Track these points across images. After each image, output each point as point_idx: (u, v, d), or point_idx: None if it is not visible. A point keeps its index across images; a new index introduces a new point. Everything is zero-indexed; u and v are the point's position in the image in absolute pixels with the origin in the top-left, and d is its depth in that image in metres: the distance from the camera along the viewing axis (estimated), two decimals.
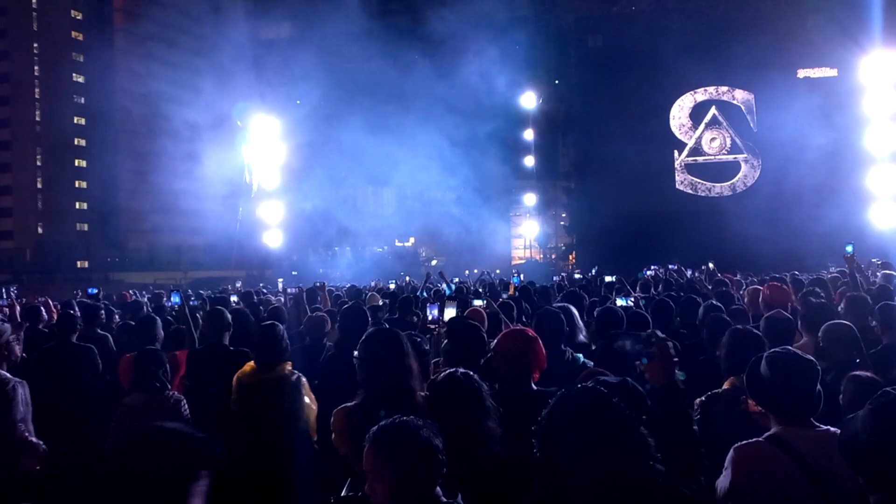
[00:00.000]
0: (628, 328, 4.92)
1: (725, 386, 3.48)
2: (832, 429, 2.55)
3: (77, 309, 7.43)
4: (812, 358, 2.70)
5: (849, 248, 7.52)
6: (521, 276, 11.74)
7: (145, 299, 10.12)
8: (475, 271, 30.54)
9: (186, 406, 4.36)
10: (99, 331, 6.84)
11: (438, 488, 2.16)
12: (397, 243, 49.60)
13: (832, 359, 4.05)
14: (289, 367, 4.21)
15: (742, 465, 2.50)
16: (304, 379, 4.19)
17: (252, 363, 4.26)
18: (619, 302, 5.84)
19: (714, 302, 5.73)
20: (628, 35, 25.31)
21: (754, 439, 2.59)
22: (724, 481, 2.50)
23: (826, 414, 2.69)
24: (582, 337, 5.25)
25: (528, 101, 29.31)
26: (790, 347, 2.88)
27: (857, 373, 3.45)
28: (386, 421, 2.16)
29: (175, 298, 6.68)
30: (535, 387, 3.35)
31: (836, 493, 2.35)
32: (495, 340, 3.60)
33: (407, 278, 17.67)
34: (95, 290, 10.49)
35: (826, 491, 2.38)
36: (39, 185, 71.14)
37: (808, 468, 2.43)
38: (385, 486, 2.08)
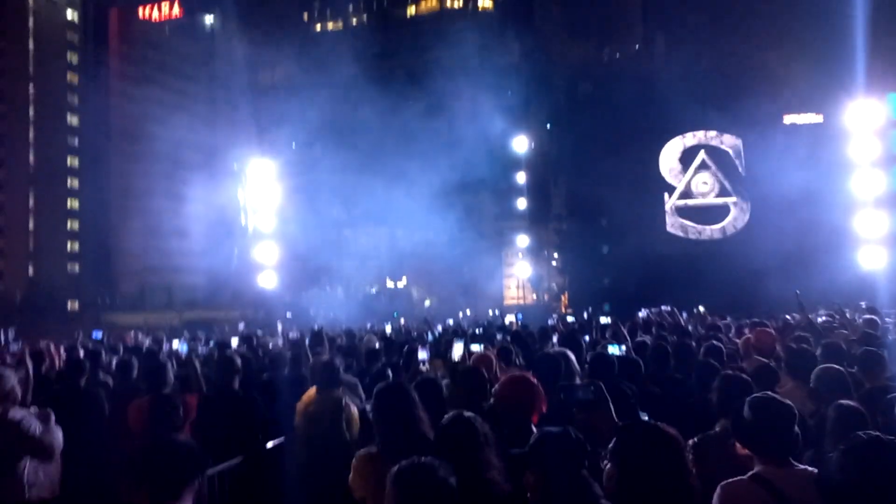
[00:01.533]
0: (622, 374, 5.11)
1: (717, 428, 3.68)
2: (809, 468, 2.80)
3: (82, 352, 7.58)
4: (790, 403, 2.96)
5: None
6: (520, 315, 11.98)
7: (147, 341, 10.24)
8: (468, 312, 30.74)
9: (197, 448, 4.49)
10: (102, 375, 6.96)
11: None
12: (389, 284, 49.72)
13: (824, 401, 4.26)
14: (340, 391, 5.17)
15: (727, 501, 2.71)
16: (351, 400, 5.15)
17: (314, 389, 5.24)
18: (612, 349, 6.02)
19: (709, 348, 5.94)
20: (617, 81, 25.96)
21: (739, 477, 2.81)
22: None
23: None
24: (577, 381, 5.43)
25: (521, 144, 29.84)
26: (770, 393, 3.13)
27: (841, 401, 3.68)
28: (407, 461, 2.37)
29: (182, 347, 6.84)
30: (534, 428, 3.55)
31: None
32: (497, 386, 3.80)
33: (402, 321, 17.79)
34: (100, 335, 10.60)
35: None
36: (31, 227, 71.14)
37: (787, 503, 2.63)
38: None
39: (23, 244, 70.93)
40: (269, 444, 5.25)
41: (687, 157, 25.51)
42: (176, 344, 10.28)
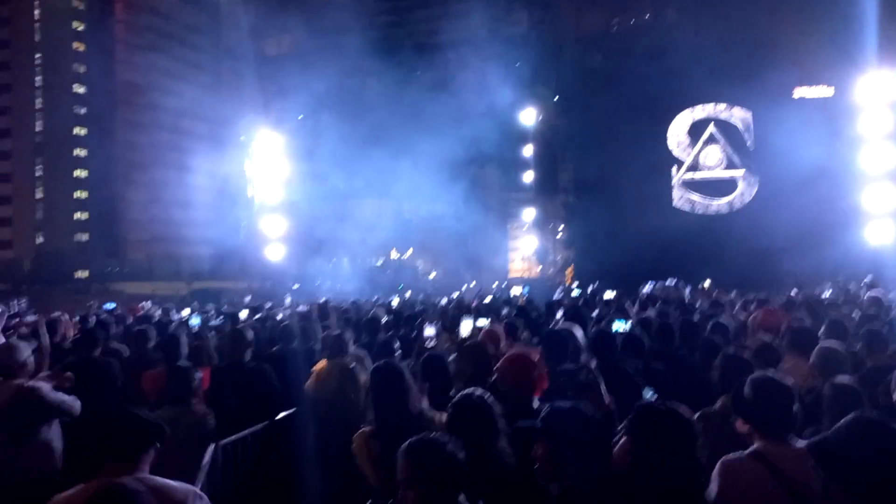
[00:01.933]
0: (625, 351, 5.19)
1: (717, 404, 3.77)
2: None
3: (95, 323, 7.70)
4: (789, 382, 3.05)
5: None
6: (526, 288, 12.06)
7: (157, 313, 10.37)
8: (472, 285, 30.84)
9: (213, 418, 4.62)
10: (113, 345, 7.09)
11: (462, 495, 2.45)
12: (394, 255, 49.83)
13: (823, 377, 4.34)
14: (348, 358, 5.52)
15: (727, 477, 2.80)
16: (358, 365, 5.43)
17: (325, 360, 5.57)
18: (617, 325, 6.09)
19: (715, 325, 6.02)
20: (626, 52, 25.71)
21: (738, 453, 2.90)
22: (711, 491, 2.78)
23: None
24: (584, 357, 5.52)
25: (528, 117, 29.67)
26: (771, 372, 3.23)
27: (835, 379, 3.77)
28: (417, 437, 2.46)
29: (195, 321, 6.94)
30: (536, 402, 3.65)
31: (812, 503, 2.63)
32: (499, 363, 3.90)
33: (408, 293, 17.91)
34: (114, 306, 10.75)
35: (802, 501, 2.66)
36: (39, 196, 71.37)
37: (786, 480, 2.73)
38: (416, 494, 2.39)
39: (31, 213, 71.25)
40: (280, 416, 5.36)
41: (696, 131, 25.35)
42: (186, 312, 10.46)
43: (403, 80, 28.68)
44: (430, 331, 5.78)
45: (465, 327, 5.97)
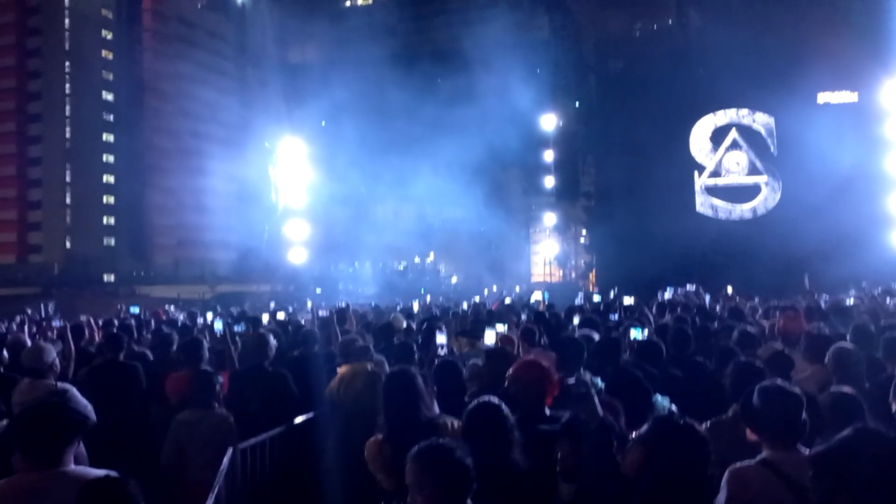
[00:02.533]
0: (642, 357, 5.22)
1: (729, 412, 3.79)
2: None
3: (119, 327, 7.87)
4: (798, 390, 3.05)
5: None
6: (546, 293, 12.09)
7: (181, 317, 10.54)
8: (494, 289, 30.85)
9: (233, 421, 4.72)
10: (136, 348, 7.24)
11: (469, 500, 2.50)
12: (417, 260, 49.94)
13: (836, 381, 4.34)
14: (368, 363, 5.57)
15: (736, 484, 2.82)
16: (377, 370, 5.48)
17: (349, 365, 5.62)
18: (634, 332, 6.11)
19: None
20: (648, 58, 25.64)
21: (747, 461, 2.92)
22: (720, 498, 2.80)
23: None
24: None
25: (549, 122, 29.69)
26: (780, 380, 3.23)
27: (835, 389, 3.77)
28: (426, 442, 2.53)
29: (218, 325, 7.06)
30: (548, 411, 3.70)
31: None
32: (511, 370, 3.96)
33: (428, 298, 17.98)
34: (138, 310, 10.95)
35: None
36: (68, 201, 72.50)
37: (794, 487, 2.74)
38: (424, 498, 2.44)
39: (60, 218, 72.35)
40: (299, 420, 5.43)
41: (718, 136, 25.18)
42: (209, 316, 10.63)
43: (425, 86, 28.88)
44: (441, 338, 5.86)
45: (489, 338, 6.09)
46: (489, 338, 6.07)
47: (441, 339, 5.87)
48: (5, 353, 6.11)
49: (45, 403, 3.08)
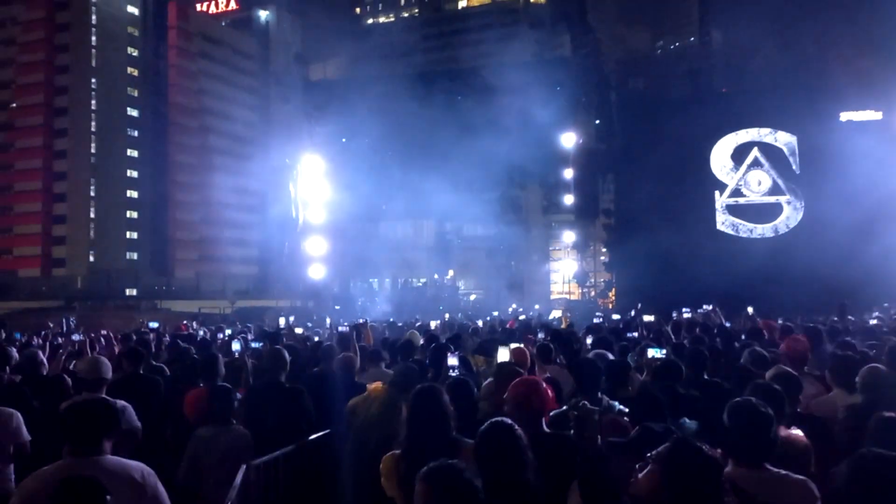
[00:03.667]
0: (662, 377, 5.18)
1: None
2: (789, 473, 2.91)
3: (138, 341, 7.96)
4: (768, 409, 3.04)
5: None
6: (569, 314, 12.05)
7: (201, 332, 10.63)
8: (513, 306, 30.80)
9: (251, 438, 4.74)
10: (154, 363, 7.31)
11: None
12: (436, 276, 50.03)
13: (865, 396, 4.31)
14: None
15: None
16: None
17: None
18: (652, 352, 6.08)
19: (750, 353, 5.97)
20: (669, 76, 25.63)
21: None
22: None
23: None
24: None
25: (569, 140, 29.70)
26: (751, 398, 3.25)
27: (886, 414, 3.72)
28: (435, 463, 2.54)
29: (236, 346, 7.12)
30: (546, 429, 3.68)
31: None
32: (507, 389, 3.94)
33: (446, 316, 17.97)
34: (158, 325, 11.08)
35: None
36: (92, 215, 73.57)
37: None
38: None
39: (84, 232, 73.42)
40: (313, 437, 5.42)
41: (739, 155, 25.01)
42: (228, 331, 10.74)
43: (445, 104, 29.01)
44: (452, 360, 5.85)
45: (502, 355, 6.08)
46: (502, 355, 6.06)
47: (452, 360, 5.86)
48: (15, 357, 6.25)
49: (85, 399, 3.58)
